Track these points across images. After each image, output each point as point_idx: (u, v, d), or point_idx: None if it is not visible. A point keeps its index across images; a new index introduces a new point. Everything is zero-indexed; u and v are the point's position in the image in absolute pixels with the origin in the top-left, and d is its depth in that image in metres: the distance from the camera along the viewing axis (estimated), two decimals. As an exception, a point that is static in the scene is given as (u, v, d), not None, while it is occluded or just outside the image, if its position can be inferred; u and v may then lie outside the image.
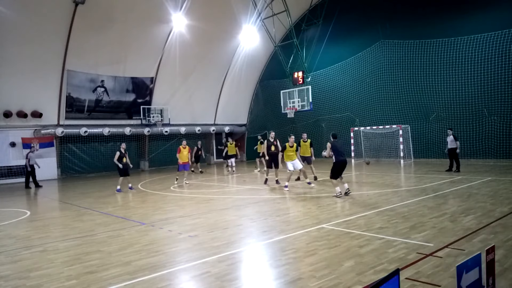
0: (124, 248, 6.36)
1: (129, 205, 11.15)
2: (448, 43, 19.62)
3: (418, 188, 11.29)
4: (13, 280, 5.05)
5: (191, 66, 25.88)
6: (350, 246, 5.75)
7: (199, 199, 11.45)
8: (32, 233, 7.96)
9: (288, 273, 4.77)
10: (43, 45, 19.86)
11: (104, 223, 8.65)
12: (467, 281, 3.37)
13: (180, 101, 27.00)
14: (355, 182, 13.81)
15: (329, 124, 25.36)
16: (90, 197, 13.29)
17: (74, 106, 22.67)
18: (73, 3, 19.49)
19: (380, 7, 22.42)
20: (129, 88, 24.67)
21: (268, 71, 30.00)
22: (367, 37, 22.93)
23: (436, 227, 6.62)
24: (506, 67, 17.91)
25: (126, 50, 22.96)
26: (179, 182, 15.98)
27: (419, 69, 20.83)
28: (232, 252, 5.86)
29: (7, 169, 20.62)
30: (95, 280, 4.87)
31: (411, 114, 21.24)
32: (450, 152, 15.18)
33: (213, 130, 28.57)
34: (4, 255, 6.33)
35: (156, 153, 26.61)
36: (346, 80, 24.41)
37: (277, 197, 11.07)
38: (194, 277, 4.88)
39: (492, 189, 10.35)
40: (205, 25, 24.14)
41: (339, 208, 8.92)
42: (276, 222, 7.75)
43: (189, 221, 8.35)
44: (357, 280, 4.41)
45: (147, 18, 22.32)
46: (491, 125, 18.44)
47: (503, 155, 18.05)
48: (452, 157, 15.14)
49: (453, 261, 4.81)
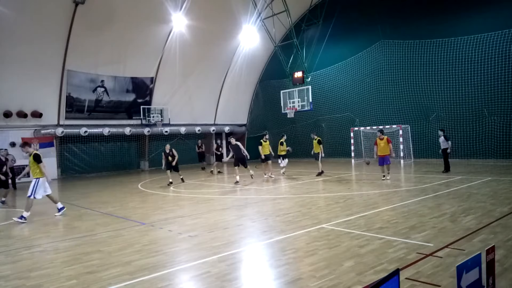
0: (124, 248, 6.36)
1: (129, 205, 11.15)
2: (448, 43, 19.62)
3: (418, 188, 11.29)
4: (13, 280, 5.05)
5: (191, 66, 25.88)
6: (350, 246, 5.75)
7: (199, 199, 11.45)
8: (32, 233, 7.95)
9: (288, 273, 4.77)
10: (43, 45, 19.85)
11: (104, 223, 8.65)
12: (467, 281, 3.36)
13: (180, 101, 27.01)
14: (355, 182, 13.81)
15: (329, 124, 25.37)
16: (90, 197, 13.30)
17: (74, 106, 22.67)
18: (73, 3, 19.49)
19: (380, 7, 22.41)
20: (129, 88, 24.67)
21: (268, 71, 29.99)
22: (367, 37, 22.92)
23: (436, 227, 6.62)
24: (506, 67, 17.90)
25: (126, 50, 22.95)
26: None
27: (419, 69, 20.83)
28: (232, 252, 5.86)
29: (7, 169, 20.59)
30: (95, 280, 4.87)
31: (411, 114, 21.23)
32: (444, 152, 15.15)
33: (213, 130, 28.57)
34: (4, 255, 6.33)
35: (156, 153, 26.59)
36: (346, 80, 24.41)
37: (277, 197, 11.06)
38: (194, 277, 4.88)
39: (492, 189, 10.35)
40: (205, 25, 24.13)
41: (339, 208, 8.92)
42: (276, 222, 7.75)
43: (189, 221, 8.35)
44: (357, 280, 4.41)
45: (147, 18, 22.32)
46: (491, 125, 18.44)
47: (503, 155, 18.04)
48: (446, 156, 15.09)
49: (453, 261, 4.81)
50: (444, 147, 15.04)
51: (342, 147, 24.54)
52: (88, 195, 13.84)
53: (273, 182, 14.90)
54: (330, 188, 12.41)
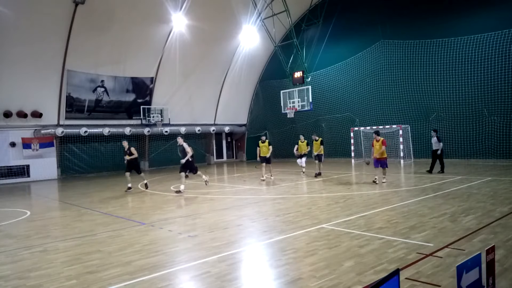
0: (124, 248, 6.36)
1: (129, 205, 11.15)
2: (448, 43, 19.62)
3: (418, 188, 11.29)
4: (13, 280, 5.05)
5: (191, 66, 25.89)
6: (350, 246, 5.75)
7: (199, 199, 11.45)
8: (32, 233, 7.95)
9: (288, 273, 4.77)
10: (43, 45, 19.86)
11: (104, 223, 8.65)
12: (467, 281, 3.37)
13: (180, 101, 27.01)
14: (355, 182, 13.81)
15: (329, 124, 25.37)
16: (90, 197, 13.30)
17: (74, 106, 22.68)
18: (73, 3, 19.49)
19: (380, 7, 22.42)
20: (129, 88, 24.68)
21: (268, 71, 30.00)
22: (367, 37, 22.93)
23: (436, 227, 6.62)
24: (506, 67, 17.91)
25: (126, 50, 22.96)
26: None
27: (419, 69, 20.84)
28: (232, 252, 5.85)
29: (7, 169, 20.63)
30: (95, 280, 4.87)
31: (411, 114, 21.24)
32: (434, 153, 15.03)
33: (213, 130, 28.57)
34: (4, 255, 6.32)
35: (156, 153, 26.60)
36: (346, 80, 24.41)
37: (277, 197, 11.06)
38: (194, 277, 4.88)
39: (492, 189, 10.35)
40: (205, 25, 24.14)
41: (339, 208, 8.92)
42: (276, 222, 7.75)
43: (189, 221, 8.35)
44: (357, 280, 4.40)
45: (147, 18, 22.33)
46: (491, 125, 18.44)
47: (503, 155, 18.04)
48: (435, 158, 14.99)
49: (453, 261, 4.81)
50: (436, 148, 14.91)
51: (342, 147, 24.54)
52: (88, 195, 13.84)
53: (273, 182, 14.89)
54: (330, 188, 12.41)
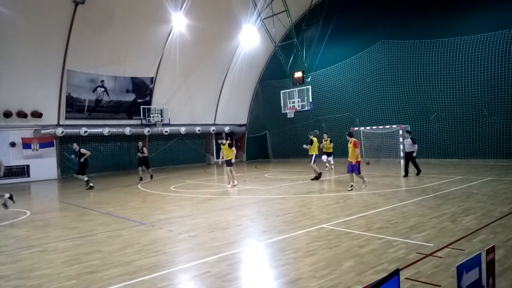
0: (124, 248, 6.36)
1: (129, 205, 11.14)
2: (448, 43, 19.62)
3: (418, 188, 11.29)
4: (13, 280, 5.05)
5: (191, 66, 25.89)
6: (350, 246, 5.75)
7: (199, 199, 11.45)
8: (32, 233, 7.95)
9: (288, 273, 4.77)
10: (43, 45, 19.85)
11: (104, 223, 8.65)
12: (467, 281, 3.37)
13: (180, 101, 27.01)
14: (356, 182, 13.79)
15: (329, 124, 25.35)
16: (90, 197, 13.30)
17: (74, 106, 22.67)
18: (73, 3, 19.49)
19: (380, 7, 22.42)
20: (129, 88, 24.67)
21: (268, 71, 29.99)
22: (367, 37, 22.92)
23: (436, 227, 6.62)
24: (506, 67, 17.90)
25: (126, 50, 22.96)
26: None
27: (419, 69, 20.83)
28: (232, 252, 5.85)
29: (7, 169, 20.56)
30: (95, 280, 4.87)
31: (411, 114, 21.23)
32: (407, 155, 14.39)
33: (213, 130, 28.56)
34: (4, 255, 6.32)
35: (156, 153, 26.60)
36: (346, 80, 24.40)
37: (277, 197, 11.06)
38: (194, 277, 4.88)
39: (492, 189, 10.36)
40: (205, 25, 24.13)
41: (339, 208, 8.92)
42: (276, 222, 7.75)
43: (189, 221, 8.35)
44: (357, 280, 4.41)
45: (147, 18, 22.32)
46: (491, 125, 18.44)
47: (503, 155, 18.04)
48: (409, 161, 14.35)
49: (453, 261, 4.81)
50: (410, 150, 14.24)
51: (342, 147, 24.48)
52: (88, 195, 13.84)
53: (272, 182, 14.89)
54: (330, 188, 12.41)
